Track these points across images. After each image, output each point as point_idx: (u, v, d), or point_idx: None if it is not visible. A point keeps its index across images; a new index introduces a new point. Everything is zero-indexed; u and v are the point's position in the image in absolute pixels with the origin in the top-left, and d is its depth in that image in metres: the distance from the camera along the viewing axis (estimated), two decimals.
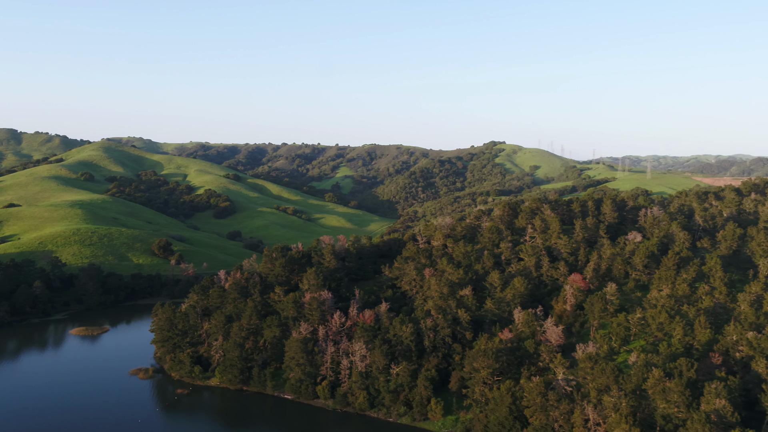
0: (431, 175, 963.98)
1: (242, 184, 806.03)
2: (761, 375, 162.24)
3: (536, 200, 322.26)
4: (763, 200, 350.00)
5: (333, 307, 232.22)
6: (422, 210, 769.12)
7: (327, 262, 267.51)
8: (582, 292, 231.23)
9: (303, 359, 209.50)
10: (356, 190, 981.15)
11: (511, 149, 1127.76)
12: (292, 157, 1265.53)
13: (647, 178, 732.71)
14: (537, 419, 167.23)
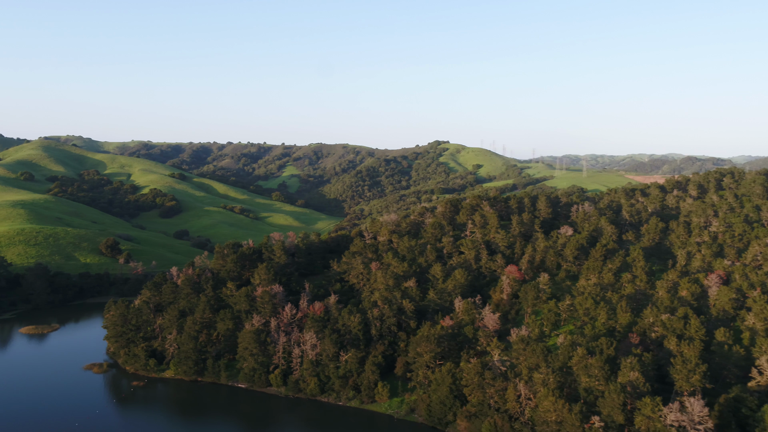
0: (377, 174, 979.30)
1: (188, 183, 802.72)
2: (672, 351, 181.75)
3: (476, 197, 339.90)
4: (684, 196, 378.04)
5: (284, 300, 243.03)
6: (369, 208, 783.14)
7: (277, 258, 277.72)
8: (517, 282, 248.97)
9: (256, 349, 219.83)
10: (303, 189, 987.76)
11: (454, 148, 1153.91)
12: (238, 156, 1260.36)
13: (583, 176, 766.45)
14: (475, 397, 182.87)
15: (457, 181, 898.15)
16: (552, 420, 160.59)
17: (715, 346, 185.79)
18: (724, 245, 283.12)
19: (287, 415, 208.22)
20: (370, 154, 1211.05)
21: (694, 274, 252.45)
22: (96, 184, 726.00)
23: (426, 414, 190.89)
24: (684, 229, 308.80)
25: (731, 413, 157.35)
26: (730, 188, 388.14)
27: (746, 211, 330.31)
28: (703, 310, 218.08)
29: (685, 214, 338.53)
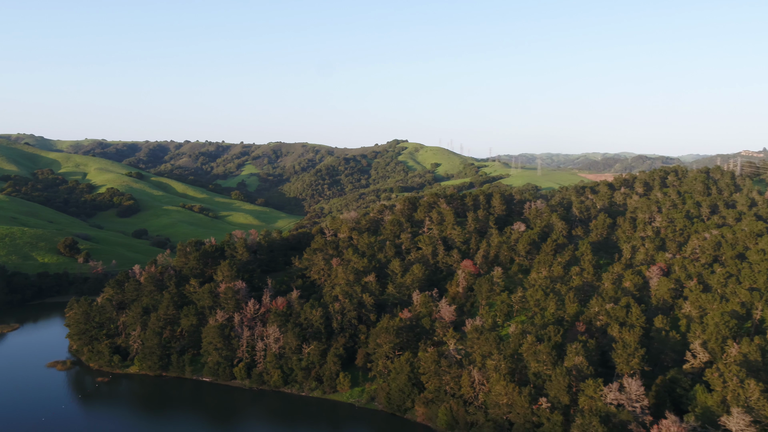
0: (337, 172, 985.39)
1: (146, 182, 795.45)
2: (614, 337, 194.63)
3: (433, 195, 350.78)
4: (630, 193, 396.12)
5: (247, 295, 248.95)
6: (328, 206, 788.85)
7: (240, 255, 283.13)
8: (472, 275, 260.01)
9: (220, 344, 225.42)
10: (262, 188, 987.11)
11: (413, 147, 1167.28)
12: (196, 155, 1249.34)
13: (538, 174, 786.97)
14: (432, 384, 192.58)
15: (415, 180, 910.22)
16: (503, 403, 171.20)
17: (654, 333, 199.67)
18: (666, 239, 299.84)
19: (251, 406, 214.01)
20: (329, 152, 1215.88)
21: (638, 266, 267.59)
22: (51, 184, 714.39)
23: (386, 402, 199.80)
24: (630, 225, 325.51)
25: (667, 393, 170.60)
26: (673, 186, 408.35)
27: (687, 207, 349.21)
28: (644, 299, 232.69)
29: (632, 211, 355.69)
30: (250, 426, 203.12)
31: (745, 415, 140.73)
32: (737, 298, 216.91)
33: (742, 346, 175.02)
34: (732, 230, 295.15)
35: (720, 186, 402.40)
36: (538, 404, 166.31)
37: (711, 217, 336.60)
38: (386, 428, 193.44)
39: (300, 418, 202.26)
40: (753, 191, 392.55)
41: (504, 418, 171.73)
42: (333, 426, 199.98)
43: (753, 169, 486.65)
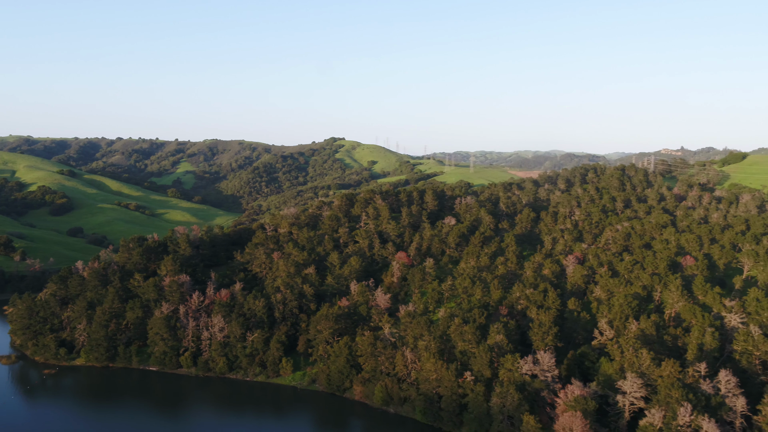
0: (274, 170, 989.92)
1: (79, 180, 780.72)
2: (532, 318, 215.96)
3: (370, 192, 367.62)
4: (553, 189, 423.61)
5: (191, 288, 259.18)
6: (266, 204, 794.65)
7: (183, 250, 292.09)
8: (406, 266, 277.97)
9: (167, 334, 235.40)
10: (199, 186, 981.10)
11: (350, 145, 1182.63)
12: (129, 152, 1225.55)
13: (471, 172, 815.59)
14: (368, 364, 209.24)
15: (352, 177, 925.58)
16: (433, 378, 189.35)
17: (567, 314, 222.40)
18: (583, 231, 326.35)
19: (198, 392, 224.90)
20: (266, 150, 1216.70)
21: (557, 256, 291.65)
22: None
23: (326, 383, 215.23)
24: (551, 218, 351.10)
25: (576, 365, 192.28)
26: (592, 182, 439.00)
27: (604, 201, 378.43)
28: (560, 285, 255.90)
29: (554, 205, 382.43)
30: (196, 411, 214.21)
31: (638, 379, 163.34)
32: (640, 282, 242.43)
33: (641, 323, 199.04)
34: (641, 223, 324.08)
35: (634, 182, 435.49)
36: (464, 378, 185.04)
37: (624, 211, 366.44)
38: (327, 407, 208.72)
39: (245, 402, 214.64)
40: (663, 187, 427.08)
41: (434, 392, 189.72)
42: (277, 408, 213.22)
43: (665, 166, 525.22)
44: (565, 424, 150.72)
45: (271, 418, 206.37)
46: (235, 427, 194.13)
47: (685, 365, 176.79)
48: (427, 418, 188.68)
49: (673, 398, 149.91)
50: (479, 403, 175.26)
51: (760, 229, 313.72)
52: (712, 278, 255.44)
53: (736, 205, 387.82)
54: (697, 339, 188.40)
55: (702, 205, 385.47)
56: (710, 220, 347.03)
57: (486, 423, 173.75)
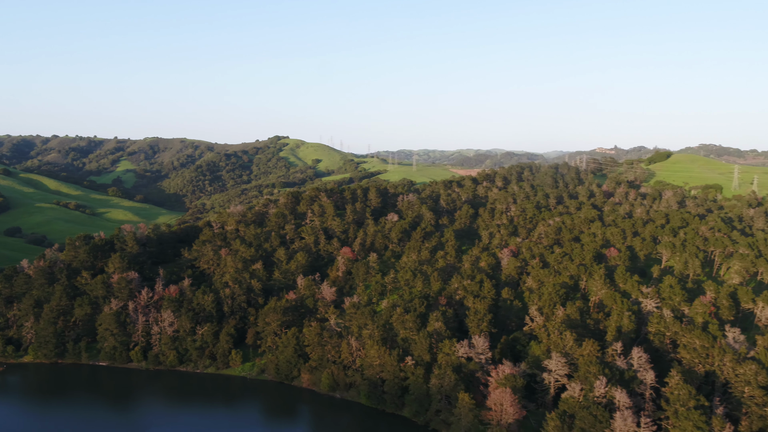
0: (218, 168, 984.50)
1: (14, 179, 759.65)
2: (469, 307, 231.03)
3: (315, 189, 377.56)
4: (491, 187, 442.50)
5: (140, 285, 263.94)
6: (210, 202, 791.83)
7: (130, 248, 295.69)
8: (351, 261, 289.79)
9: (116, 329, 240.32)
10: (140, 184, 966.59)
11: (294, 144, 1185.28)
12: (66, 150, 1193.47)
13: (414, 170, 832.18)
14: (315, 353, 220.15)
15: (297, 175, 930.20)
16: (376, 364, 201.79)
17: (501, 302, 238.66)
18: (518, 226, 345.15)
19: (148, 385, 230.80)
20: (209, 148, 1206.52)
21: (493, 249, 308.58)
22: None
23: (274, 372, 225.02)
24: (489, 214, 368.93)
25: (509, 349, 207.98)
26: (528, 180, 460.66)
27: (538, 198, 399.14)
28: (496, 276, 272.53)
29: (491, 202, 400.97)
30: (147, 404, 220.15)
31: (562, 358, 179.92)
32: (568, 272, 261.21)
33: (567, 309, 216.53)
34: (572, 217, 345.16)
35: (566, 180, 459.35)
36: (405, 363, 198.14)
37: (557, 207, 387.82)
38: (276, 395, 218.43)
39: (196, 393, 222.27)
40: (593, 184, 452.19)
41: (377, 377, 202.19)
42: (227, 398, 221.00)
43: (596, 165, 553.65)
44: (497, 399, 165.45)
45: (222, 407, 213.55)
46: (186, 418, 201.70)
47: (605, 345, 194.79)
48: (371, 402, 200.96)
49: (591, 373, 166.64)
50: (419, 385, 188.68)
51: (678, 222, 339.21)
52: (634, 268, 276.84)
53: (659, 201, 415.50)
54: (616, 322, 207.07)
55: (628, 200, 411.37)
56: (634, 214, 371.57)
57: (426, 403, 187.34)
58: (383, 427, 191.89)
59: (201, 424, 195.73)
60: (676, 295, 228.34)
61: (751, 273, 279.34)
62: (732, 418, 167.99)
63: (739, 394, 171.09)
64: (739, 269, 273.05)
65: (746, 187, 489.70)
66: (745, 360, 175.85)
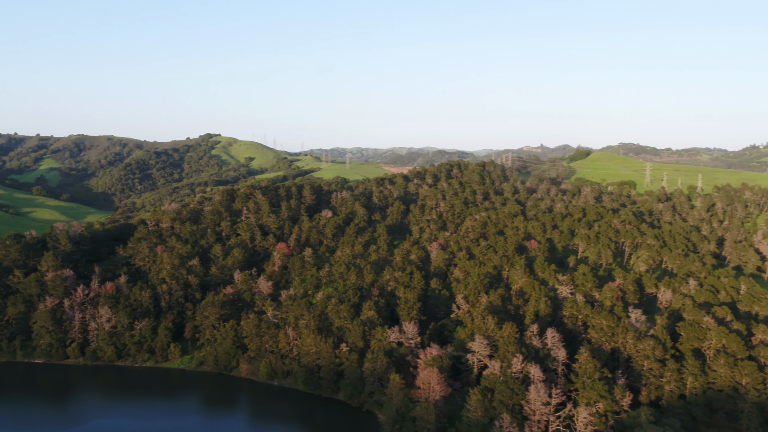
0: (148, 166, 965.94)
1: None
2: (400, 297, 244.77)
3: (250, 187, 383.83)
4: (422, 184, 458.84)
5: (75, 282, 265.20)
6: (141, 201, 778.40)
7: (63, 246, 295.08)
8: (287, 256, 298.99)
9: (53, 327, 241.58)
10: (66, 183, 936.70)
11: (226, 141, 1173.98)
12: None
13: (347, 168, 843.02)
14: (253, 344, 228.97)
15: (230, 174, 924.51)
16: (313, 352, 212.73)
17: (430, 292, 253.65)
18: (447, 221, 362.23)
19: (85, 381, 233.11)
20: (138, 146, 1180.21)
21: (423, 243, 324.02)
22: None
23: (213, 364, 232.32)
24: (419, 210, 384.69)
25: (437, 334, 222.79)
26: (456, 177, 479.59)
27: (466, 194, 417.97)
28: (425, 268, 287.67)
29: (422, 198, 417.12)
30: (85, 399, 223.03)
31: (484, 340, 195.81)
32: (492, 263, 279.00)
33: (490, 297, 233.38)
34: (497, 213, 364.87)
35: (493, 177, 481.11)
36: (340, 349, 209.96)
37: (483, 203, 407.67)
38: (215, 385, 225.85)
39: (135, 387, 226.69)
40: (518, 181, 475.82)
41: (314, 364, 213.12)
42: (166, 390, 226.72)
43: (521, 163, 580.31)
44: (425, 379, 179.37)
45: (161, 399, 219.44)
46: (126, 410, 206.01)
47: (523, 328, 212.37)
48: (308, 387, 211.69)
49: (509, 352, 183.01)
50: (354, 369, 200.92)
51: (594, 216, 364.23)
52: (552, 258, 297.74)
53: (578, 197, 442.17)
54: (534, 307, 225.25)
55: (549, 196, 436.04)
56: (554, 209, 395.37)
57: (360, 386, 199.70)
58: (320, 411, 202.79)
59: (141, 416, 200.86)
60: (588, 282, 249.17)
61: (657, 262, 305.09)
62: (633, 389, 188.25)
63: (639, 368, 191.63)
64: (646, 258, 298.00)
65: (657, 184, 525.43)
66: (644, 337, 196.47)
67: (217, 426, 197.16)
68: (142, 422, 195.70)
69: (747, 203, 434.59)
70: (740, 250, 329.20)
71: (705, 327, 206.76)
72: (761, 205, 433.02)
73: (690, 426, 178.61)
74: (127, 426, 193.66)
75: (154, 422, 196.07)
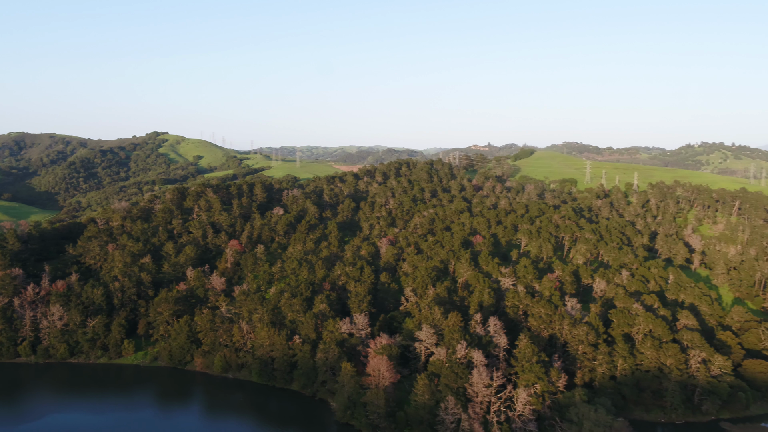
0: (93, 165, 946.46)
1: None
2: (351, 291, 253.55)
3: (201, 185, 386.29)
4: (372, 182, 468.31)
5: (25, 281, 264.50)
6: (86, 200, 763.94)
7: (11, 245, 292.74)
8: (239, 253, 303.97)
9: (2, 325, 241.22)
10: (6, 182, 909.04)
11: (174, 140, 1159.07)
12: None
13: (297, 166, 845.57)
14: (207, 338, 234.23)
15: (178, 172, 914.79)
16: (267, 344, 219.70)
17: (380, 285, 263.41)
18: (396, 218, 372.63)
19: (38, 379, 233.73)
20: (82, 144, 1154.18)
21: (373, 239, 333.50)
22: None
23: (168, 358, 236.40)
24: (369, 207, 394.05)
25: (386, 325, 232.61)
26: (405, 175, 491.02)
27: (414, 192, 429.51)
28: (375, 262, 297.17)
29: (372, 196, 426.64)
30: (38, 395, 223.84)
31: (431, 329, 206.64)
32: (439, 257, 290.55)
33: (437, 289, 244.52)
34: (444, 209, 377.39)
35: (440, 175, 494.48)
36: (293, 341, 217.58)
37: (431, 200, 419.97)
38: (169, 380, 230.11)
39: (88, 383, 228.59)
40: (464, 179, 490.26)
41: (268, 356, 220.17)
42: (120, 385, 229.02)
43: (468, 161, 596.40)
44: (375, 366, 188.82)
45: (115, 395, 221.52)
46: (79, 406, 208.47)
47: (468, 317, 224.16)
48: (262, 379, 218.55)
49: (454, 339, 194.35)
50: (306, 360, 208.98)
51: (536, 212, 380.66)
52: (497, 252, 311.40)
53: (522, 194, 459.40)
54: (478, 298, 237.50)
55: (494, 193, 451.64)
56: (499, 206, 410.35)
57: (313, 376, 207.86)
58: (274, 402, 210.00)
59: (95, 410, 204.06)
60: (529, 274, 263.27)
61: (594, 255, 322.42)
62: (569, 371, 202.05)
63: (574, 352, 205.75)
64: (583, 251, 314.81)
65: (597, 181, 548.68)
66: (579, 324, 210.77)
67: (172, 418, 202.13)
68: (96, 416, 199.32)
69: (679, 199, 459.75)
70: (670, 243, 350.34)
71: (634, 313, 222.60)
72: (692, 201, 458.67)
73: (620, 404, 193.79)
74: (81, 420, 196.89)
75: (108, 415, 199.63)
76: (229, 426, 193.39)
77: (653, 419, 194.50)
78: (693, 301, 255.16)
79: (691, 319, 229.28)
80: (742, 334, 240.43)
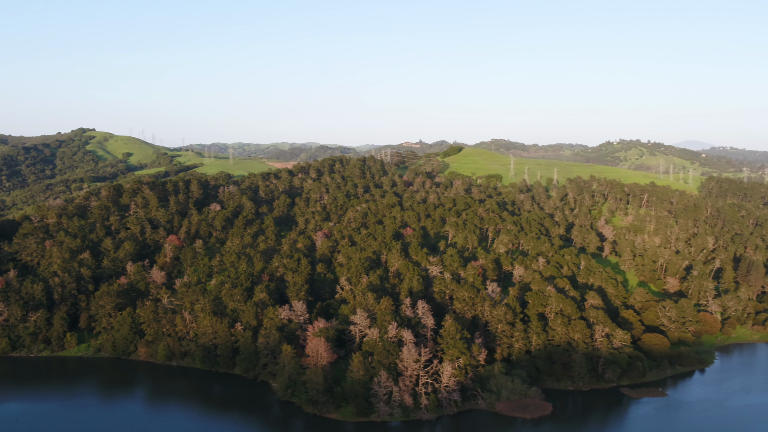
0: (16, 162, 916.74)
1: None
2: (288, 281, 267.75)
3: (137, 182, 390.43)
4: (306, 178, 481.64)
5: None
6: (11, 199, 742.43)
7: None
8: (178, 248, 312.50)
9: None
10: None
11: (102, 137, 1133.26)
12: None
13: (230, 163, 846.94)
14: (151, 329, 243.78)
15: (107, 170, 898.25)
16: (209, 332, 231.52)
17: (316, 276, 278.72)
18: (330, 212, 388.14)
19: None
20: (3, 141, 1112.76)
21: (309, 233, 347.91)
22: None
23: (111, 349, 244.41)
24: (304, 203, 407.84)
25: (323, 312, 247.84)
26: (339, 171, 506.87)
27: (348, 187, 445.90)
28: (311, 254, 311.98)
29: (306, 192, 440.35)
30: None
31: (365, 313, 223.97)
32: (372, 248, 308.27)
33: (370, 277, 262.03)
34: (376, 204, 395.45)
35: (373, 171, 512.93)
36: (235, 328, 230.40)
37: (364, 195, 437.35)
38: (113, 369, 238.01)
39: (30, 377, 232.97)
40: (396, 175, 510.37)
41: (211, 343, 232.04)
42: (63, 377, 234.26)
43: (399, 158, 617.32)
44: (313, 347, 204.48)
45: (58, 386, 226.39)
46: (19, 397, 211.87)
47: (399, 302, 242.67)
48: (205, 365, 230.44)
49: (386, 321, 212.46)
50: (248, 345, 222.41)
51: (462, 206, 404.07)
52: (426, 243, 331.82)
53: (450, 189, 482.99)
54: (408, 284, 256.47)
55: (424, 189, 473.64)
56: (428, 200, 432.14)
57: (254, 360, 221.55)
58: (217, 386, 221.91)
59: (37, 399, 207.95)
60: (455, 262, 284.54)
61: (515, 244, 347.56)
62: (489, 348, 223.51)
63: (494, 330, 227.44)
64: (505, 242, 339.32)
65: (521, 177, 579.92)
66: (498, 305, 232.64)
67: (116, 405, 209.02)
68: (36, 405, 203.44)
69: (594, 193, 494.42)
70: (584, 233, 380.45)
71: (548, 295, 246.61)
72: (606, 195, 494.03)
73: (534, 375, 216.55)
74: (21, 409, 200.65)
75: (49, 404, 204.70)
76: (174, 410, 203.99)
77: (563, 388, 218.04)
78: (601, 284, 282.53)
79: (597, 300, 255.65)
80: (643, 312, 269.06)
